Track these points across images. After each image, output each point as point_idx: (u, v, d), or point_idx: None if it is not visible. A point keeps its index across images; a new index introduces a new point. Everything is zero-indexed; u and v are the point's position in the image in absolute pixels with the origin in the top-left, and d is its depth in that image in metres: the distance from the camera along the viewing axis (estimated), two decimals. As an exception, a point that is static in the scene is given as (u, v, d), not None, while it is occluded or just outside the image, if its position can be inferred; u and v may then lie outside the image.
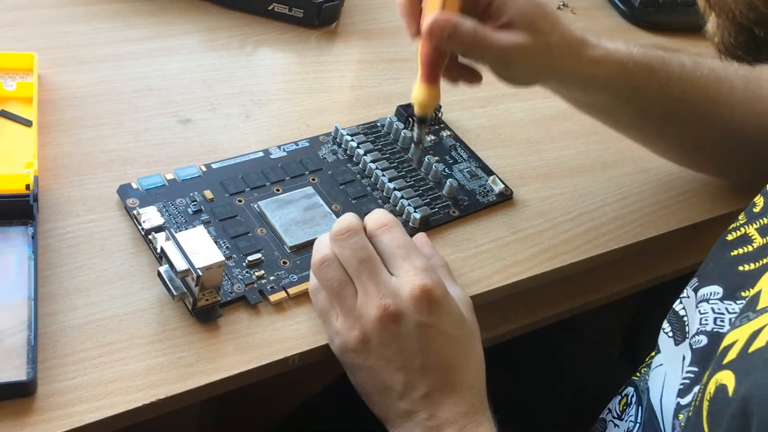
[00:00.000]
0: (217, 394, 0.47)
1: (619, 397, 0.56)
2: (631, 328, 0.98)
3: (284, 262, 0.51)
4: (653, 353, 0.54)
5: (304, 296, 0.50)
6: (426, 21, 0.48)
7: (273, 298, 0.49)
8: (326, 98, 0.66)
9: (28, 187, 0.49)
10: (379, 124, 0.64)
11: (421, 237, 0.53)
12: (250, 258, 0.51)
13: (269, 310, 0.49)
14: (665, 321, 0.51)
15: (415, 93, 0.51)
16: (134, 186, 0.53)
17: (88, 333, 0.45)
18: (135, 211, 0.51)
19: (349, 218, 0.47)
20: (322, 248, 0.48)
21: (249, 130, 0.61)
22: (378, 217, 0.48)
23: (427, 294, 0.45)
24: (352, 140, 0.61)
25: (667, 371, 0.49)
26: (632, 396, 0.54)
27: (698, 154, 0.65)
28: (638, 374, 0.56)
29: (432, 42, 0.49)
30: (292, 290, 0.50)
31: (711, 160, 0.66)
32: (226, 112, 0.62)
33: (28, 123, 0.55)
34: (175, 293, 0.46)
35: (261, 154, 0.59)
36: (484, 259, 0.56)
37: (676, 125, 0.61)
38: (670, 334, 0.50)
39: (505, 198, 0.61)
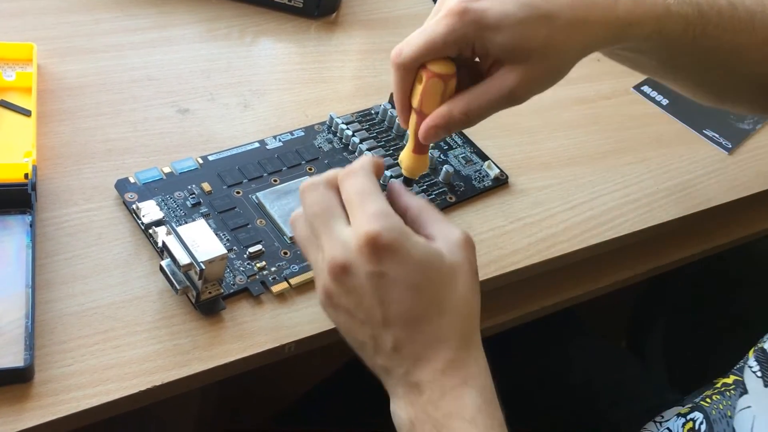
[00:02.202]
0: (217, 381, 0.47)
1: (683, 420, 0.53)
2: (635, 319, 0.97)
3: (285, 253, 0.52)
4: (727, 380, 0.52)
5: (305, 286, 0.51)
6: (420, 131, 0.47)
7: (275, 288, 0.50)
8: (325, 88, 0.66)
9: (26, 176, 0.49)
10: (373, 112, 0.64)
11: (395, 183, 0.48)
12: (251, 250, 0.51)
13: (271, 300, 0.50)
14: (752, 358, 0.48)
15: (406, 162, 0.50)
16: (132, 180, 0.53)
17: (85, 320, 0.45)
18: (134, 206, 0.51)
19: (314, 177, 0.45)
20: (295, 209, 0.46)
21: (247, 120, 0.61)
22: (350, 165, 0.45)
23: (372, 242, 0.41)
24: (347, 128, 0.61)
25: (756, 415, 0.47)
26: (701, 423, 0.51)
27: (737, 98, 0.59)
28: (708, 401, 0.53)
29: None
30: (293, 280, 0.50)
31: (748, 104, 0.60)
32: (224, 102, 0.62)
33: (27, 113, 0.56)
34: (178, 287, 0.46)
35: (257, 144, 0.59)
36: (482, 248, 0.56)
37: (708, 71, 0.55)
38: (759, 374, 0.47)
39: (501, 183, 0.61)
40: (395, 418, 0.43)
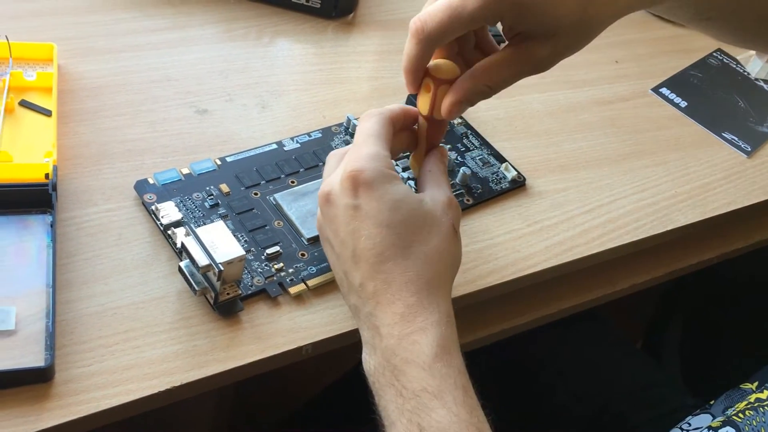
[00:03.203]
0: (233, 383, 0.47)
1: None
2: (653, 320, 0.97)
3: (302, 254, 0.52)
4: (761, 395, 0.51)
5: (322, 288, 0.51)
6: (444, 107, 0.46)
7: (293, 290, 0.50)
8: (342, 89, 0.66)
9: (47, 176, 0.50)
10: (391, 114, 0.64)
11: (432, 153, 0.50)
12: (269, 251, 0.51)
13: (288, 302, 0.50)
14: None
15: (416, 165, 0.51)
16: (151, 181, 0.53)
17: (105, 320, 0.46)
18: (153, 207, 0.51)
19: None
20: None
21: (265, 120, 0.61)
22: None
23: (353, 176, 0.44)
24: (366, 131, 0.61)
25: None
26: None
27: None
28: (741, 416, 0.52)
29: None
30: (311, 282, 0.50)
31: None
32: (242, 103, 0.62)
33: (47, 113, 0.56)
34: (197, 288, 0.47)
35: (275, 146, 0.59)
36: (499, 250, 0.56)
37: (744, 19, 0.53)
38: None
39: (518, 185, 0.61)
40: (364, 366, 0.44)
